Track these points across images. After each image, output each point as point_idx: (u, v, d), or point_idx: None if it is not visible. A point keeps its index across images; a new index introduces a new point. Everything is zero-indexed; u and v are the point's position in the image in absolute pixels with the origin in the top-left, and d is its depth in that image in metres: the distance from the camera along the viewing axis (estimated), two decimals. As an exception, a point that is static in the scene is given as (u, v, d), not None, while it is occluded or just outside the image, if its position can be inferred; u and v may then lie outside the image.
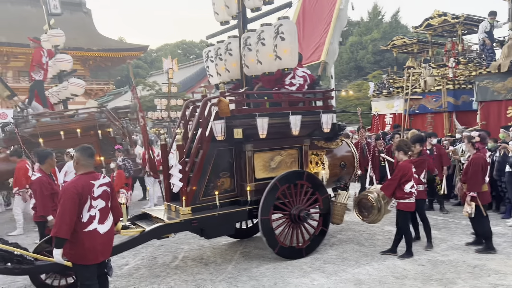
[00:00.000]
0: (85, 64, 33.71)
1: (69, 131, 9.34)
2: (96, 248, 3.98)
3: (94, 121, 9.67)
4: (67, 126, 9.48)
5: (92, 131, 9.57)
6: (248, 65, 6.07)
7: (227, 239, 7.09)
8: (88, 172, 4.05)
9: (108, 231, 4.10)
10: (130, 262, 6.15)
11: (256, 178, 5.95)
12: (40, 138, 8.99)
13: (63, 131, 9.25)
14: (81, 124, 9.57)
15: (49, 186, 5.66)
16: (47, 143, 8.96)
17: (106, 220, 4.07)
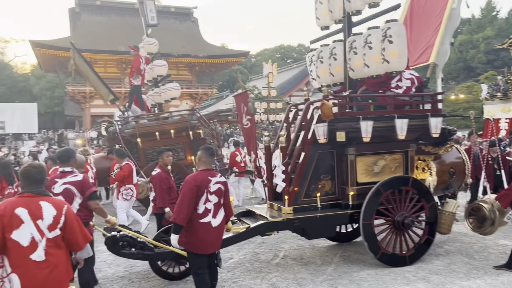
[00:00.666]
0: (192, 70, 36.01)
1: (164, 132, 9.87)
2: (208, 239, 4.34)
3: (186, 123, 10.09)
4: (162, 127, 10.00)
5: (184, 132, 9.99)
6: (353, 68, 6.07)
7: (326, 242, 7.13)
8: (207, 169, 4.47)
9: (219, 225, 4.43)
10: (234, 256, 6.51)
11: (358, 182, 5.91)
12: (138, 138, 9.72)
13: (158, 132, 9.80)
14: (174, 126, 10.03)
15: (166, 181, 6.27)
16: (144, 143, 9.82)
17: (218, 215, 4.41)
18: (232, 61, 36.99)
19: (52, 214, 3.08)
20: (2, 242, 2.95)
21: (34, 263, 2.98)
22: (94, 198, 4.64)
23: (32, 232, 3.00)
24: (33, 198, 3.10)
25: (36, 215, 3.03)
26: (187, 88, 35.42)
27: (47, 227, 3.05)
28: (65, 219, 3.14)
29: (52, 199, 3.22)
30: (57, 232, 3.11)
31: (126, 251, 5.11)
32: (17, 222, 2.97)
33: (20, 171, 3.27)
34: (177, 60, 33.83)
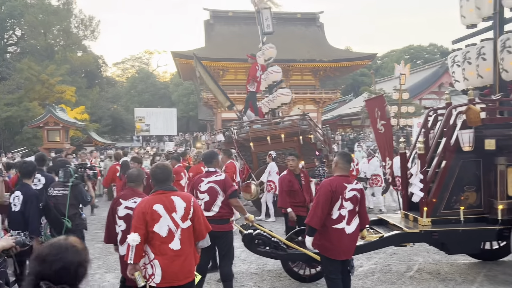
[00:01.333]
0: (315, 74, 36.11)
1: (275, 136, 10.11)
2: (341, 245, 4.31)
3: (297, 128, 10.18)
4: (273, 132, 10.26)
5: (295, 137, 10.07)
6: (507, 69, 5.48)
7: (467, 258, 6.53)
8: (343, 175, 4.42)
9: (353, 233, 4.37)
10: (364, 265, 6.36)
11: (509, 195, 5.32)
12: (251, 142, 10.12)
13: (269, 136, 10.08)
14: (285, 131, 10.22)
15: (289, 183, 6.44)
16: (256, 147, 10.16)
17: (352, 222, 4.35)
18: (357, 64, 36.10)
19: (183, 206, 3.49)
20: (146, 234, 3.42)
21: (172, 251, 3.43)
22: (234, 196, 4.97)
23: (168, 224, 3.44)
24: (165, 194, 3.52)
25: (171, 209, 3.46)
26: (311, 93, 35.61)
27: (180, 218, 3.47)
28: (193, 210, 3.53)
29: (180, 193, 3.64)
30: (188, 222, 3.51)
31: (261, 249, 5.36)
32: (156, 216, 3.42)
33: (149, 173, 3.75)
34: (301, 66, 34.28)
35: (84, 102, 32.79)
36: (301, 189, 6.52)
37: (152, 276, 3.39)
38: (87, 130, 29.44)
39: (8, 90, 28.69)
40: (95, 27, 42.24)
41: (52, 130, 22.13)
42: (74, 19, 40.75)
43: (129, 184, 4.31)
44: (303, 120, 10.56)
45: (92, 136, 30.14)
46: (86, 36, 41.97)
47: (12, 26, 41.41)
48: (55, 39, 39.13)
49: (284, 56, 33.41)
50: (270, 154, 9.81)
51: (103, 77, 51.27)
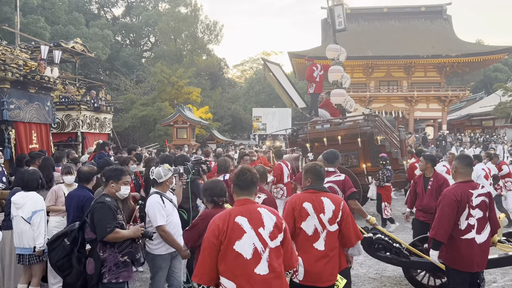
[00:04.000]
0: (441, 71, 33.57)
1: (333, 138, 9.72)
2: (472, 257, 4.01)
3: (357, 129, 9.66)
4: (330, 134, 9.87)
5: (359, 139, 9.56)
6: None
7: None
8: (467, 181, 4.11)
9: (485, 242, 4.05)
10: (499, 281, 5.80)
11: None
12: (308, 143, 9.89)
13: (326, 138, 9.74)
14: (345, 132, 9.80)
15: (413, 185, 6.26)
16: (314, 148, 9.86)
17: (484, 230, 4.04)
18: (490, 59, 32.55)
19: (332, 209, 3.48)
20: (293, 230, 3.47)
21: (316, 251, 3.45)
22: (354, 198, 4.91)
23: (315, 223, 3.47)
24: (316, 194, 3.56)
25: (319, 209, 3.48)
26: (435, 90, 33.20)
27: (328, 221, 3.46)
28: (342, 214, 3.49)
29: (331, 195, 3.62)
30: (335, 226, 3.48)
31: (381, 254, 5.22)
32: (304, 214, 3.48)
33: (307, 169, 3.75)
34: (425, 62, 32.15)
35: (208, 102, 35.08)
36: (425, 193, 6.06)
37: (296, 273, 3.38)
38: (210, 128, 31.50)
39: (144, 91, 32.13)
40: (218, 31, 44.87)
41: (180, 128, 24.11)
42: (200, 25, 43.83)
43: None
44: (366, 121, 9.92)
45: (214, 134, 32.20)
46: (211, 40, 44.78)
47: (147, 33, 46.08)
48: (183, 44, 42.50)
49: (405, 52, 31.78)
50: (308, 157, 9.54)
51: (224, 78, 54.19)
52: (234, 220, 2.76)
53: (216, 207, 3.60)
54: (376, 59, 32.03)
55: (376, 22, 35.18)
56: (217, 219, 2.81)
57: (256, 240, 2.75)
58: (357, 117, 10.49)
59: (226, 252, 2.71)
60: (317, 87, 11.94)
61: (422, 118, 35.15)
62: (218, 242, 2.72)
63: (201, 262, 2.77)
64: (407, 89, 33.78)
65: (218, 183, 3.74)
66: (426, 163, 6.05)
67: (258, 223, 2.79)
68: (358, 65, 33.60)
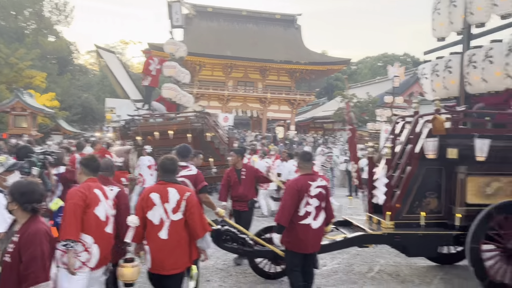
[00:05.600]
0: (292, 76, 36.47)
1: (164, 132, 9.71)
2: (308, 240, 4.56)
3: (188, 125, 9.83)
4: (162, 128, 9.86)
5: (188, 134, 9.59)
6: (471, 83, 5.76)
7: (426, 262, 6.82)
8: (307, 174, 4.67)
9: (320, 228, 4.63)
10: (328, 264, 6.54)
11: (467, 203, 5.57)
12: (140, 136, 9.81)
13: (158, 131, 9.72)
14: (175, 127, 9.85)
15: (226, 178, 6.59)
16: (145, 142, 9.80)
17: (319, 217, 4.61)
18: (332, 69, 36.72)
19: (176, 199, 3.62)
20: (143, 220, 3.64)
21: (160, 240, 3.58)
22: (204, 191, 5.05)
23: (161, 213, 3.60)
24: (164, 185, 3.70)
25: (164, 199, 3.61)
26: (286, 93, 35.96)
27: (171, 210, 3.61)
28: (186, 204, 3.63)
29: (179, 186, 3.74)
30: (179, 216, 3.62)
31: (228, 245, 5.44)
32: (150, 204, 3.61)
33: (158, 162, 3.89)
34: (278, 66, 34.56)
35: (54, 89, 31.88)
36: (240, 183, 6.44)
37: (146, 261, 3.67)
38: (56, 117, 28.64)
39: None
40: (69, 12, 41.16)
41: (19, 116, 21.49)
42: (48, 3, 39.58)
43: (103, 173, 4.28)
44: (198, 117, 10.05)
45: (60, 124, 29.31)
46: (59, 21, 40.81)
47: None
48: (26, 22, 37.90)
49: (261, 55, 33.67)
50: (145, 149, 9.60)
51: (75, 64, 49.94)
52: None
53: (35, 218, 2.85)
54: (234, 59, 33.23)
55: (235, 24, 36.49)
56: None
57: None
58: (189, 114, 10.49)
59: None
60: (153, 80, 11.69)
61: (274, 119, 37.70)
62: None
63: None
64: (262, 90, 35.85)
65: (37, 185, 2.99)
66: (237, 156, 6.60)
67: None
68: (218, 63, 34.41)
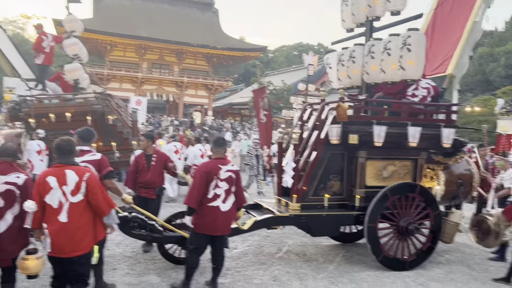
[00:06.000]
0: (209, 61, 36.13)
1: (61, 114, 9.10)
2: (216, 222, 4.66)
3: (88, 107, 9.32)
4: (59, 110, 9.20)
5: (88, 117, 9.06)
6: (368, 72, 6.16)
7: (330, 241, 7.25)
8: (219, 158, 4.78)
9: (229, 211, 4.74)
10: (239, 247, 6.67)
11: (366, 185, 6.01)
12: (33, 118, 9.18)
13: (54, 114, 9.11)
14: (73, 109, 9.28)
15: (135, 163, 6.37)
16: (40, 124, 9.26)
17: (228, 200, 4.73)
18: (249, 55, 37.05)
19: (75, 180, 3.54)
20: (40, 204, 3.59)
21: (60, 223, 3.52)
22: (109, 177, 4.83)
23: (59, 196, 3.53)
24: (61, 167, 3.59)
25: (62, 182, 3.52)
26: (203, 78, 35.60)
27: (70, 192, 3.53)
28: (87, 185, 3.56)
29: (77, 167, 3.64)
30: (79, 197, 3.56)
31: (136, 232, 5.29)
32: (48, 188, 3.52)
33: (54, 144, 3.75)
34: (195, 50, 34.02)
35: None
36: (149, 169, 6.21)
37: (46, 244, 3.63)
38: None
39: None
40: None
41: None
42: None
43: (4, 159, 3.93)
44: (98, 99, 9.47)
45: None
46: None
47: None
48: None
49: (177, 38, 32.87)
50: (37, 133, 9.13)
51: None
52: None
53: None
54: (148, 40, 32.04)
55: (150, 3, 35.10)
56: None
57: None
58: (89, 95, 9.79)
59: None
60: (46, 58, 10.79)
61: (191, 104, 37.22)
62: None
63: None
64: (178, 74, 35.09)
65: None
66: (147, 141, 6.37)
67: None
68: (131, 44, 32.94)
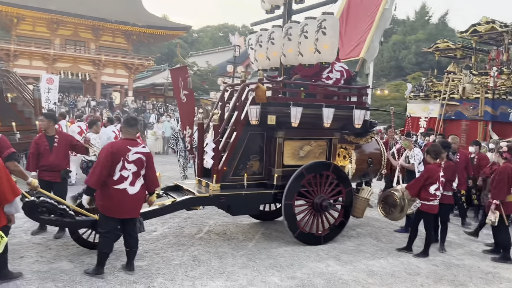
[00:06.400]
0: (129, 38, 34.58)
1: None
2: (122, 205, 4.54)
3: None
4: None
5: None
6: (285, 54, 6.29)
7: (250, 220, 7.41)
8: (129, 139, 4.63)
9: (137, 194, 4.62)
10: (158, 229, 6.57)
11: (284, 164, 6.19)
12: None
13: None
14: None
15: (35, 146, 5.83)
16: None
17: (137, 183, 4.61)
18: (172, 34, 36.04)
19: None
20: None
21: None
22: (12, 159, 4.54)
23: None
24: None
25: None
26: (123, 57, 34.05)
27: None
28: None
29: None
30: None
31: (45, 217, 4.97)
32: None
33: None
34: (113, 27, 32.35)
35: None
36: (51, 152, 5.83)
37: None
38: None
39: None
40: None
41: None
42: None
43: None
44: None
45: None
46: None
47: None
48: None
49: (94, 13, 30.95)
50: None
51: None
52: None
53: None
54: (60, 14, 29.79)
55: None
56: None
57: None
58: None
59: None
60: None
61: (110, 83, 35.48)
62: None
63: None
64: (95, 52, 33.21)
65: None
66: (48, 122, 5.93)
67: None
68: (41, 18, 30.42)
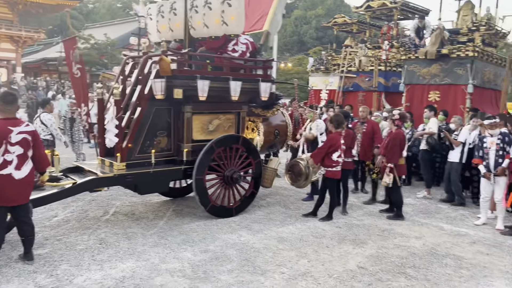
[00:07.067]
0: (13, 8, 30.96)
1: None
2: (8, 191, 4.10)
3: None
4: None
5: None
6: (194, 27, 6.10)
7: (160, 197, 7.24)
8: (8, 118, 4.14)
9: (25, 178, 4.20)
10: (59, 214, 6.12)
11: (193, 139, 6.09)
12: None
13: None
14: None
15: None
16: None
17: (24, 166, 4.18)
18: (64, 4, 32.95)
19: None
20: None
21: None
22: None
23: None
24: None
25: None
26: (7, 29, 30.50)
27: None
28: None
29: None
30: None
31: None
32: None
33: None
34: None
35: None
36: None
37: None
38: None
39: None
40: None
41: None
42: None
43: None
44: None
45: None
46: None
47: None
48: None
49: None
50: None
51: None
52: None
53: None
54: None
55: None
56: None
57: None
58: None
59: None
60: None
61: (-6, 58, 31.69)
62: None
63: None
64: (-27, 22, 29.28)
65: None
66: None
67: None
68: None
